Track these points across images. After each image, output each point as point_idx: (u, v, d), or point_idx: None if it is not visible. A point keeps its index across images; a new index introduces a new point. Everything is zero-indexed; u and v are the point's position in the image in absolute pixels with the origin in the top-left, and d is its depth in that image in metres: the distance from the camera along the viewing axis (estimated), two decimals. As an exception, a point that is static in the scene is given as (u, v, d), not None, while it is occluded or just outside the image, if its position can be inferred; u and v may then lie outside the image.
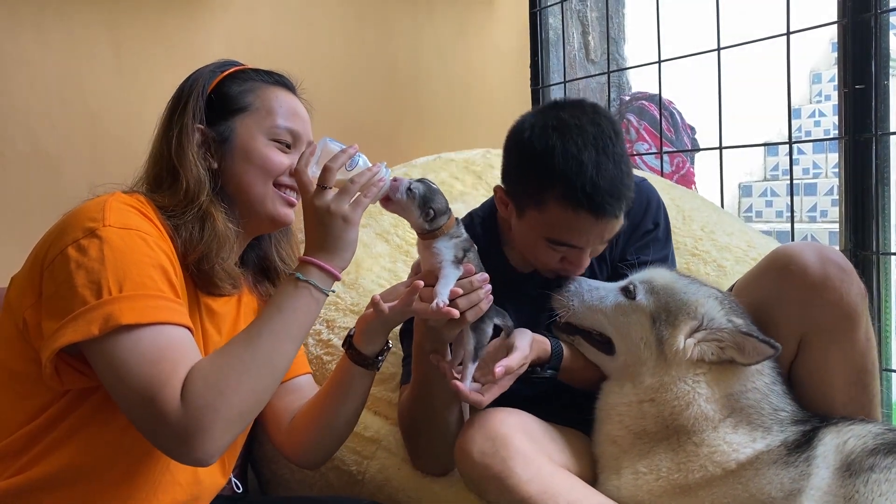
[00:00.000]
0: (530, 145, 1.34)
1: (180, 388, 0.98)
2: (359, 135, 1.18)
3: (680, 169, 3.68)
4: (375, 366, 1.30)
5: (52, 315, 1.03)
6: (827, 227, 3.96)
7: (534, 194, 1.32)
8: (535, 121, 1.36)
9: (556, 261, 1.38)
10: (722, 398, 1.27)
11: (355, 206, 1.12)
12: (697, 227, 2.00)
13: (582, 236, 1.32)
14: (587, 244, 1.34)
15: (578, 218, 1.29)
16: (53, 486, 1.09)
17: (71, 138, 2.09)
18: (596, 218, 1.29)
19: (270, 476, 1.69)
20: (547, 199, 1.30)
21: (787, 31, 2.09)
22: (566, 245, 1.34)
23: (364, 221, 1.91)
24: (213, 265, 1.18)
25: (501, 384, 1.25)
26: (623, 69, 3.75)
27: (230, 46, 2.37)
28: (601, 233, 1.33)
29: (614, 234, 1.35)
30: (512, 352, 1.26)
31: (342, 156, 1.14)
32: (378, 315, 1.25)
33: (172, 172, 1.19)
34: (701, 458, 1.24)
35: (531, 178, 1.33)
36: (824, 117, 4.82)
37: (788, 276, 1.30)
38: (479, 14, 3.16)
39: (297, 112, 1.29)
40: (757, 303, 1.35)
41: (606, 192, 1.28)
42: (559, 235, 1.33)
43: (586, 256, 1.37)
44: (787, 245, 1.39)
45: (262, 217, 1.25)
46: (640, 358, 1.32)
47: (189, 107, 1.23)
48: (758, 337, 1.26)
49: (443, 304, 1.15)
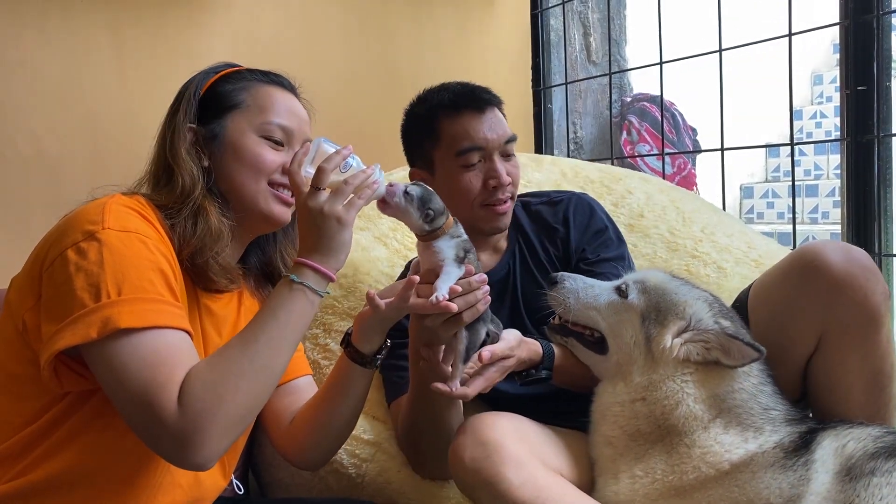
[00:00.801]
0: (411, 113, 1.63)
1: (178, 393, 0.98)
2: (359, 135, 1.19)
3: (681, 170, 3.67)
4: (374, 364, 1.29)
5: (50, 318, 1.03)
6: (828, 229, 3.96)
7: (428, 135, 1.56)
8: (408, 107, 1.65)
9: (480, 185, 1.53)
10: (709, 398, 1.27)
11: (349, 208, 1.12)
12: (697, 228, 2.00)
13: (479, 133, 1.52)
14: (487, 141, 1.52)
15: (464, 118, 1.53)
16: (54, 489, 1.09)
17: (72, 140, 2.10)
18: (478, 110, 1.53)
19: (270, 480, 1.69)
20: (437, 128, 1.55)
21: (790, 32, 2.09)
22: (473, 149, 1.52)
23: (362, 225, 1.91)
24: (208, 259, 1.18)
25: (487, 376, 1.26)
26: (624, 70, 3.74)
27: (232, 48, 2.37)
28: (491, 125, 1.53)
29: (506, 133, 1.54)
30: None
31: (336, 157, 1.13)
32: (374, 311, 1.24)
33: (168, 171, 1.21)
34: (694, 459, 1.24)
35: (422, 127, 1.58)
36: (825, 119, 4.81)
37: (812, 273, 1.29)
38: (480, 15, 3.16)
39: (291, 110, 1.28)
40: (778, 300, 1.35)
41: (473, 90, 1.56)
42: (461, 144, 1.52)
43: (499, 163, 1.53)
44: (811, 243, 1.38)
45: (256, 215, 1.25)
46: (630, 356, 1.32)
47: (182, 108, 1.24)
48: (743, 340, 1.26)
49: (442, 297, 1.15)
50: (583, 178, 2.15)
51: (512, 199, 1.57)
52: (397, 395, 1.51)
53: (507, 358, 1.29)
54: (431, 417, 1.38)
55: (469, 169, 1.52)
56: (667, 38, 2.55)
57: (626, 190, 2.10)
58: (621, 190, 2.11)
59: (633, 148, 3.64)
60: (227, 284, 1.24)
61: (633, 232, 1.99)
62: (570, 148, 3.29)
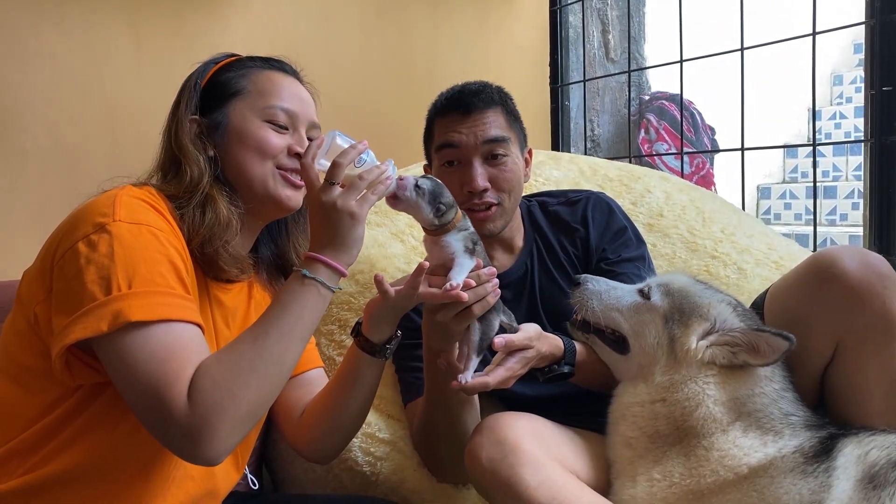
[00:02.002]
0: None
1: (188, 388, 0.98)
2: (375, 131, 1.18)
3: (700, 170, 3.64)
4: (383, 354, 1.28)
5: (61, 311, 1.02)
6: (847, 231, 3.91)
7: (427, 136, 1.60)
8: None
9: (458, 188, 1.49)
10: (729, 401, 1.26)
11: (362, 203, 1.11)
12: (717, 229, 1.98)
13: (455, 133, 1.51)
14: (462, 142, 1.50)
15: (449, 119, 1.53)
16: (67, 483, 1.09)
17: (91, 132, 2.10)
18: (463, 113, 1.51)
19: (284, 475, 1.68)
20: (432, 128, 1.57)
21: (814, 31, 2.06)
22: (447, 146, 1.52)
23: (379, 221, 1.90)
24: (217, 248, 1.17)
25: (508, 367, 1.25)
26: (643, 68, 3.71)
27: (250, 41, 2.37)
28: (471, 128, 1.51)
29: (491, 134, 1.51)
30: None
31: (352, 152, 1.13)
32: (384, 298, 1.23)
33: (175, 163, 1.21)
34: (712, 462, 1.23)
35: (426, 127, 1.60)
36: (845, 119, 4.75)
37: (828, 280, 1.27)
38: (498, 11, 3.14)
39: (294, 93, 1.28)
40: (793, 306, 1.33)
41: (466, 93, 1.54)
42: (440, 140, 1.53)
43: (475, 170, 1.50)
44: (827, 249, 1.36)
45: (265, 200, 1.24)
46: (653, 357, 1.31)
47: (184, 100, 1.25)
48: (770, 331, 1.24)
49: (456, 285, 1.15)
50: (601, 177, 2.13)
51: (499, 205, 1.52)
52: (414, 397, 1.50)
53: (527, 349, 1.27)
54: (448, 420, 1.37)
55: (447, 168, 1.53)
56: (685, 36, 2.53)
57: (645, 189, 2.08)
58: (640, 189, 2.09)
59: (651, 147, 3.61)
60: (237, 274, 1.23)
61: (653, 231, 1.97)
62: (587, 146, 3.28)
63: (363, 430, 1.54)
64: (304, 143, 1.27)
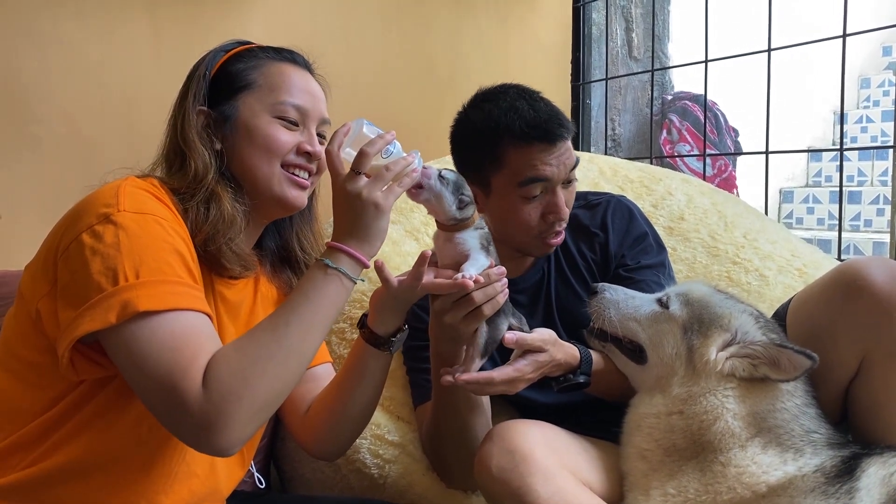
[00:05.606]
0: (470, 124, 1.46)
1: (202, 376, 0.96)
2: (395, 127, 1.15)
3: (722, 172, 3.58)
4: (389, 347, 1.26)
5: (68, 304, 1.01)
6: (871, 238, 3.84)
7: (490, 159, 1.42)
8: (465, 108, 1.50)
9: (538, 217, 1.42)
10: (748, 415, 1.22)
11: (388, 194, 1.09)
12: (740, 234, 1.94)
13: (546, 166, 1.39)
14: (554, 175, 1.39)
15: (534, 150, 1.38)
16: (69, 477, 1.08)
17: (107, 122, 2.09)
18: (550, 144, 1.38)
19: (292, 474, 1.67)
20: (502, 154, 1.40)
21: (844, 33, 2.01)
22: (537, 181, 1.39)
23: (394, 218, 1.88)
24: (220, 246, 1.15)
25: (517, 367, 1.22)
26: (667, 68, 3.66)
27: (268, 32, 2.35)
28: (560, 159, 1.40)
29: (573, 162, 1.43)
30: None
31: (379, 142, 1.11)
32: (386, 287, 1.22)
33: (180, 155, 1.19)
34: (729, 479, 1.19)
35: (483, 146, 1.42)
36: (872, 123, 4.68)
37: (855, 293, 1.23)
38: (520, 7, 3.10)
39: (306, 88, 1.25)
40: (818, 318, 1.30)
41: (546, 120, 1.39)
42: (525, 175, 1.39)
43: (560, 198, 1.42)
44: (854, 259, 1.31)
45: (270, 199, 1.22)
46: (671, 368, 1.28)
47: (192, 89, 1.22)
48: (793, 349, 1.21)
49: (468, 276, 1.13)
50: (622, 178, 2.09)
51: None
52: (424, 400, 1.47)
53: (540, 352, 1.24)
54: (457, 425, 1.35)
55: (530, 201, 1.41)
56: (710, 36, 2.49)
57: (666, 191, 2.05)
58: (661, 191, 2.05)
59: (673, 148, 3.56)
60: (240, 271, 1.21)
61: (673, 235, 1.93)
62: (608, 145, 3.23)
63: (372, 431, 1.53)
64: (314, 140, 1.25)
